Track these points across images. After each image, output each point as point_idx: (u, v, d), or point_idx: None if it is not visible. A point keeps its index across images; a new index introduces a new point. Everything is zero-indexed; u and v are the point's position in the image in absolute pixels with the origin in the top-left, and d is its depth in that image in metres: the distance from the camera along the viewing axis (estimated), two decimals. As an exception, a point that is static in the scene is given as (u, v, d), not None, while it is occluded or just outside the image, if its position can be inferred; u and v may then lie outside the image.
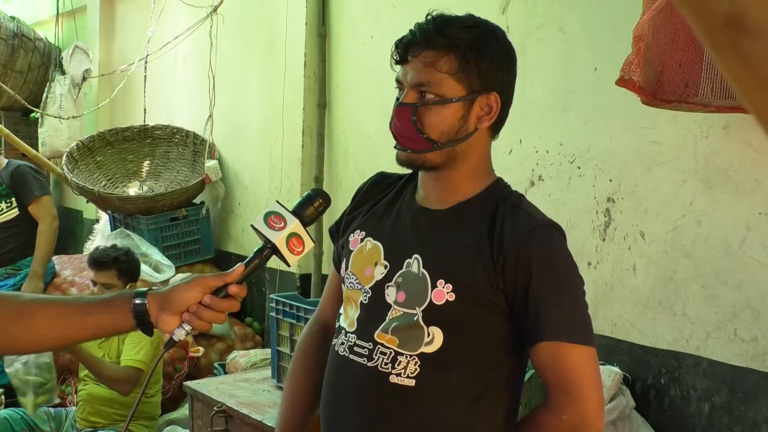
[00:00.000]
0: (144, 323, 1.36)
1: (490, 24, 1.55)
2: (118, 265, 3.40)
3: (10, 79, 6.33)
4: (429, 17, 1.52)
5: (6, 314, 1.36)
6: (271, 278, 4.28)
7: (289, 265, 1.47)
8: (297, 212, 1.44)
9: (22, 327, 1.36)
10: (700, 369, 2.48)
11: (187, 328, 1.36)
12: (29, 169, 4.59)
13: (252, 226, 1.43)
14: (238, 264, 1.40)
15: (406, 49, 1.51)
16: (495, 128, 1.56)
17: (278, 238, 1.40)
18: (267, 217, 1.42)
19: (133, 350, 3.25)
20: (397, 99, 1.54)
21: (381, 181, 1.71)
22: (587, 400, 1.42)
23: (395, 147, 1.55)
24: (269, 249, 1.41)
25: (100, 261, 3.41)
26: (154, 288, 1.42)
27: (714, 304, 2.44)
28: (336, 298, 1.73)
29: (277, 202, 1.47)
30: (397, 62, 1.54)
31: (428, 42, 1.48)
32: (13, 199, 4.51)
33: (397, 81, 1.54)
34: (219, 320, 1.37)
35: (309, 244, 1.43)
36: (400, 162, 1.56)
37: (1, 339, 1.37)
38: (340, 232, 1.72)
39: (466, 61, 1.47)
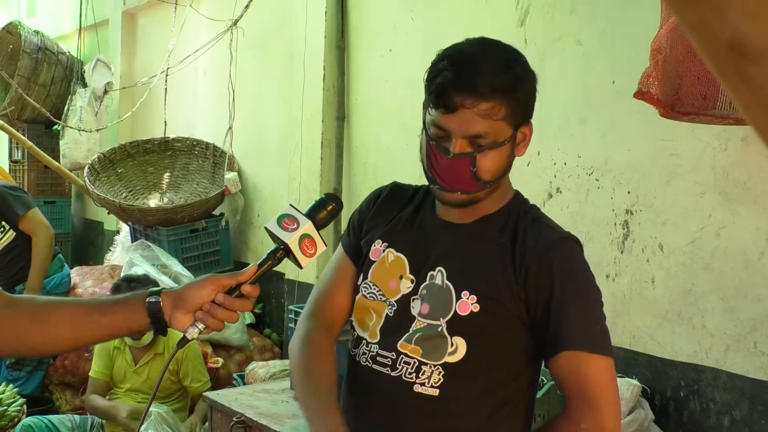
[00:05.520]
0: (158, 321, 1.37)
1: (515, 53, 1.51)
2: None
3: (34, 92, 6.41)
4: (464, 61, 1.45)
5: (23, 316, 1.38)
6: (290, 289, 4.30)
7: (301, 268, 1.48)
8: (309, 215, 1.46)
9: (38, 328, 1.38)
10: (719, 382, 2.47)
11: (200, 326, 1.37)
12: (5, 190, 4.43)
13: (266, 228, 1.45)
14: (251, 264, 1.42)
15: (453, 99, 1.43)
16: None
17: (291, 239, 1.41)
18: (280, 219, 1.43)
19: (197, 379, 3.66)
20: (432, 141, 1.48)
21: (397, 192, 1.71)
22: (606, 410, 1.44)
23: (436, 187, 1.51)
24: (282, 250, 1.43)
25: None
26: (167, 287, 1.43)
27: (733, 317, 2.43)
28: (350, 292, 1.66)
29: (290, 205, 1.48)
30: (437, 108, 1.45)
31: (479, 94, 1.41)
32: (3, 222, 4.47)
33: (437, 127, 1.46)
34: (232, 319, 1.38)
35: (321, 247, 1.44)
36: (448, 203, 1.53)
37: (18, 340, 1.40)
38: (361, 227, 1.69)
39: (516, 103, 1.46)
